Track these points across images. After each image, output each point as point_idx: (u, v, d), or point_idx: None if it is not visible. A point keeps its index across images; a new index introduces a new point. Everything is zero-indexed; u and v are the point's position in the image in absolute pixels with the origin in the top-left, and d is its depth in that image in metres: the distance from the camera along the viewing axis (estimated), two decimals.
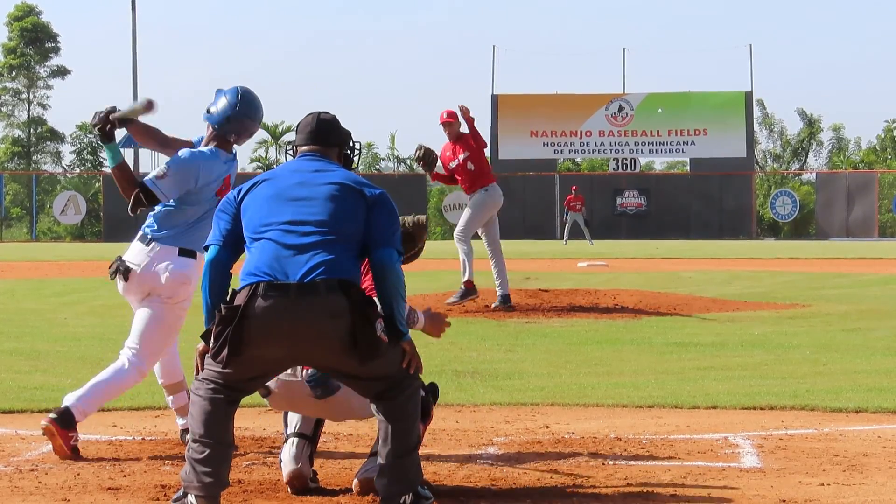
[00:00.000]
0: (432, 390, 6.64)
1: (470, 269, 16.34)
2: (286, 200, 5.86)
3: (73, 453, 7.25)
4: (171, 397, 7.85)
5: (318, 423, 6.60)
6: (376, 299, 5.91)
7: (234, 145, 7.55)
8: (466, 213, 16.45)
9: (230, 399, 5.78)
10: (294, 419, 6.54)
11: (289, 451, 6.42)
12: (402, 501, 5.80)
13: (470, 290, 16.42)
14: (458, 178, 16.42)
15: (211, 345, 5.72)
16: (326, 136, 6.17)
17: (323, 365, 5.84)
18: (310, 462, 6.46)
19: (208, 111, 7.47)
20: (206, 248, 5.95)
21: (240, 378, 5.76)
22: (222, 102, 7.44)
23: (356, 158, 6.37)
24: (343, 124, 6.27)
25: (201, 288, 5.93)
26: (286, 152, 6.67)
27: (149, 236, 7.45)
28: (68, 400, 7.36)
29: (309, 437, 6.50)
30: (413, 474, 5.85)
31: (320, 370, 6.10)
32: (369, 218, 5.87)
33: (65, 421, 7.25)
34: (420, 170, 16.29)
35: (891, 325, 15.04)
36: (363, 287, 6.03)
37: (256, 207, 5.89)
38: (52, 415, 7.30)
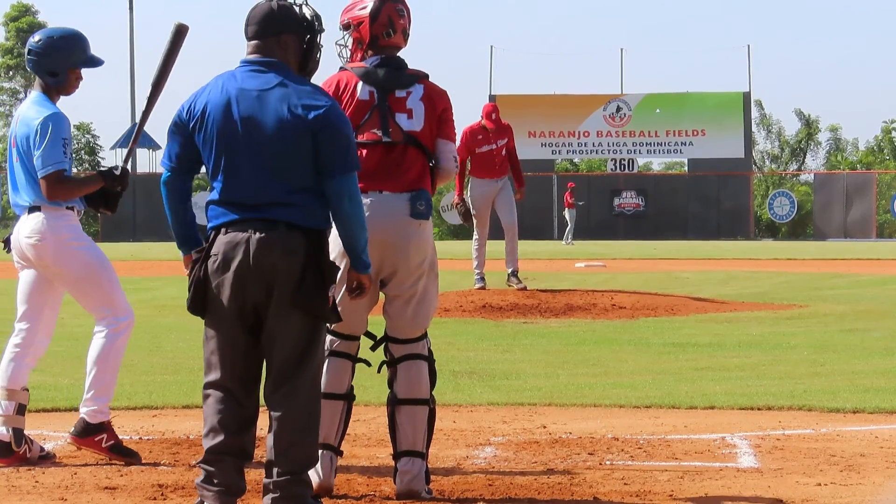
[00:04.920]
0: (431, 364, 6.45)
1: None
2: (234, 149, 5.49)
3: (116, 452, 7.12)
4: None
5: (343, 433, 6.38)
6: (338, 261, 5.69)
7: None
8: (513, 205, 17.28)
9: (245, 406, 5.52)
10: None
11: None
12: None
13: None
14: (481, 164, 17.03)
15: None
16: (265, 26, 5.67)
17: (269, 313, 5.47)
18: (333, 473, 6.31)
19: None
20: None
21: (226, 343, 5.49)
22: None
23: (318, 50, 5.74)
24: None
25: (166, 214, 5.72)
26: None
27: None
28: (82, 409, 7.21)
29: (334, 448, 6.32)
30: (303, 489, 5.53)
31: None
32: (316, 144, 5.47)
33: (86, 430, 7.13)
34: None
35: (888, 326, 15.03)
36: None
37: (207, 153, 5.55)
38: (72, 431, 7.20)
